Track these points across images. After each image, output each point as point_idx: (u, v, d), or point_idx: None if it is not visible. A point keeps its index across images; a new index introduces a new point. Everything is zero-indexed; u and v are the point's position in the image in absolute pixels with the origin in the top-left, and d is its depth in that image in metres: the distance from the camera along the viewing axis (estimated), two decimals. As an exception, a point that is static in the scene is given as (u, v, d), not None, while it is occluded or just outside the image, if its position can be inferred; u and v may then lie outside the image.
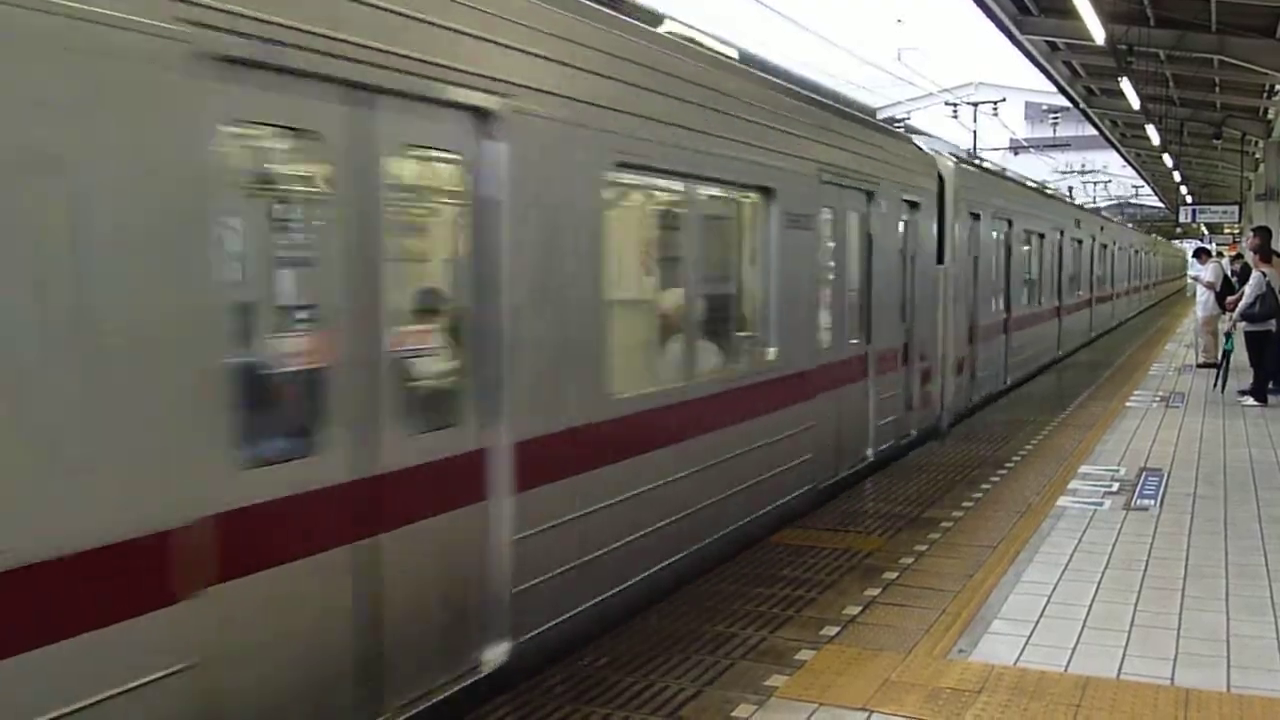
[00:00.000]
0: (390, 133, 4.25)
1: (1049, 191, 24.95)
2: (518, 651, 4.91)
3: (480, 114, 4.70)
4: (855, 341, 9.42)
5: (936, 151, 12.77)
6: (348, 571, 4.08)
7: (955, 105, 46.71)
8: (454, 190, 4.78)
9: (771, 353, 7.73)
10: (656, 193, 6.90)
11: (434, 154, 4.72)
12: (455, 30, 4.54)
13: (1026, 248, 17.96)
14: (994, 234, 14.97)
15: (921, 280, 11.13)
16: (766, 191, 7.57)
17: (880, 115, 16.62)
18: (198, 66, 3.40)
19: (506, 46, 4.86)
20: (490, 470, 4.82)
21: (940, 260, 11.91)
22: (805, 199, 8.17)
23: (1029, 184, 21.25)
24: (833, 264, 9.08)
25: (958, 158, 13.62)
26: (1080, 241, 23.44)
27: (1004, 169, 24.74)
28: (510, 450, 4.89)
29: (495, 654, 4.83)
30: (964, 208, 12.86)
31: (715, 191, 7.19)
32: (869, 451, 9.77)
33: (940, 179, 12.12)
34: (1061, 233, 21.07)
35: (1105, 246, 27.60)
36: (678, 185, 6.69)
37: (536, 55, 5.06)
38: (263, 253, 4.41)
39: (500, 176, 4.79)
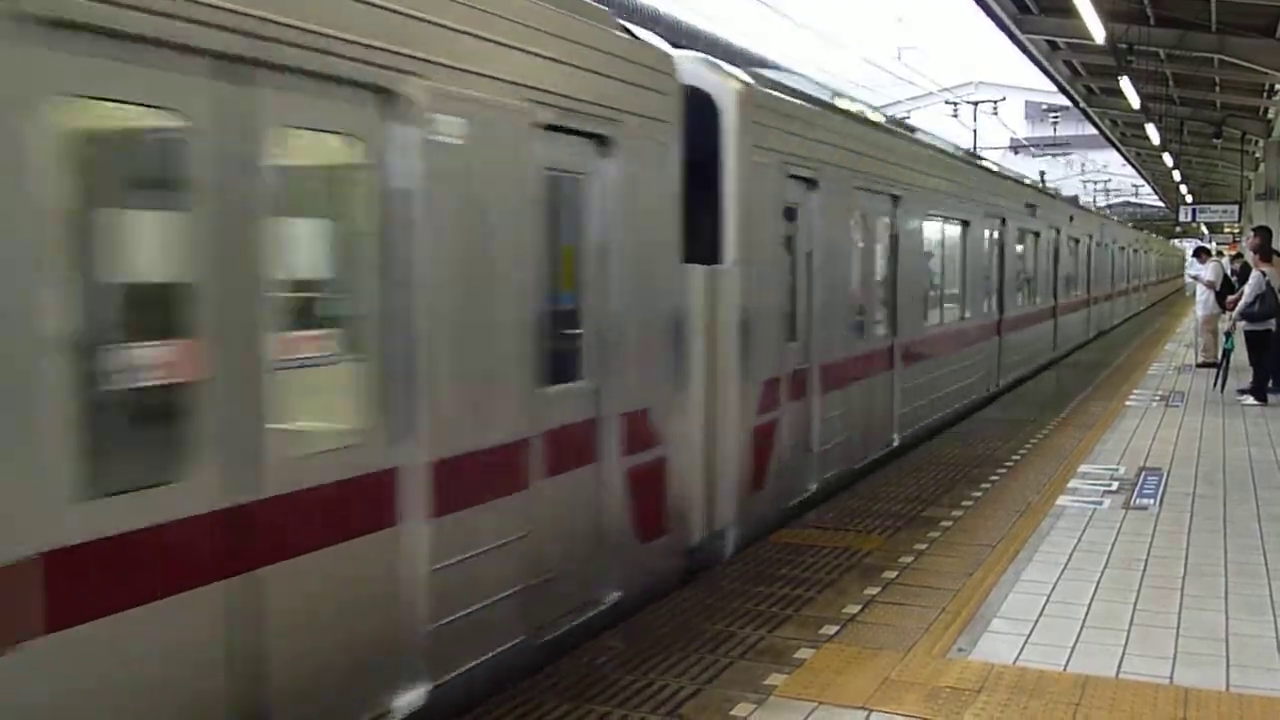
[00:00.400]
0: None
1: (986, 165, 17.73)
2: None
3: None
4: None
5: (700, 58, 7.32)
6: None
7: (955, 104, 46.74)
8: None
9: None
10: None
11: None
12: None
13: (934, 241, 12.47)
14: (858, 217, 9.59)
15: (629, 293, 5.91)
16: None
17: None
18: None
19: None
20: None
21: (705, 256, 6.86)
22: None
23: (939, 146, 14.09)
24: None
25: (757, 77, 8.20)
26: (1039, 235, 18.44)
27: (904, 120, 18.98)
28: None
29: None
30: (774, 168, 7.67)
31: None
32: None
33: (695, 103, 6.71)
34: (1004, 221, 15.60)
35: (1078, 242, 23.02)
36: None
37: None
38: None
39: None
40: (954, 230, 13.26)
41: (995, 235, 15.21)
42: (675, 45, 7.06)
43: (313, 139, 4.07)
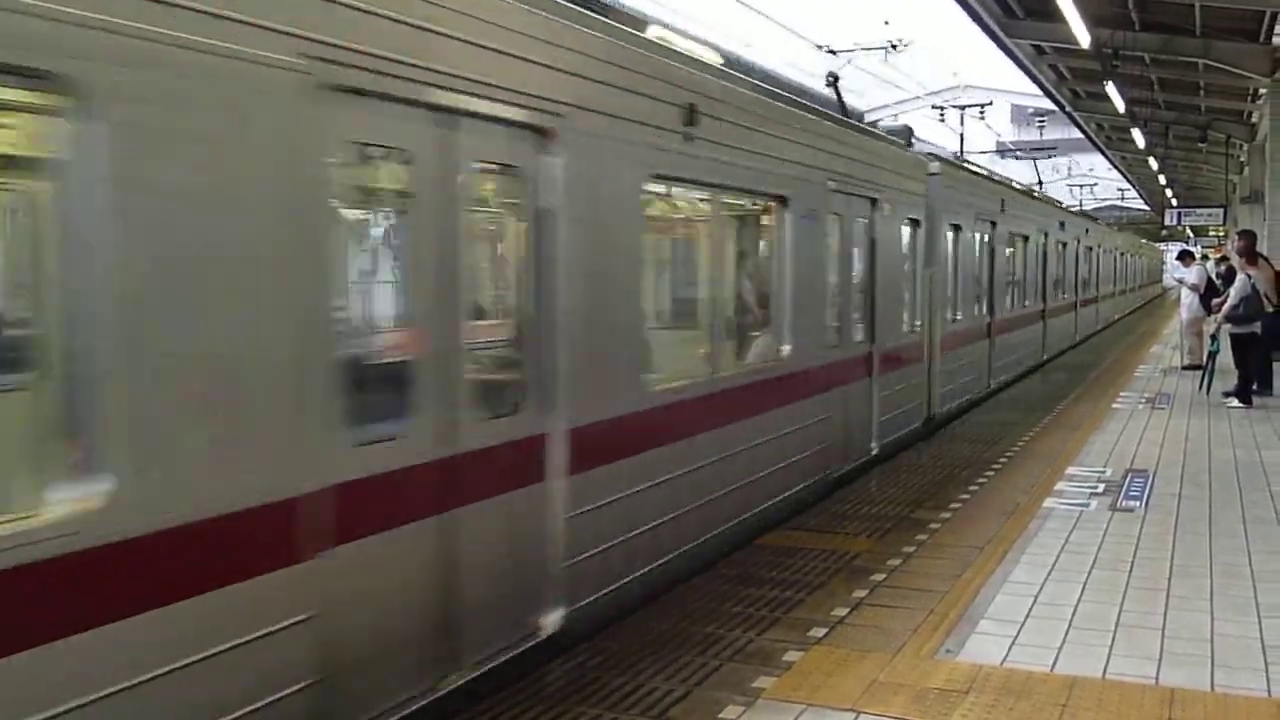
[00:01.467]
0: None
1: (869, 129, 12.64)
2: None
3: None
4: None
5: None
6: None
7: (942, 108, 46.84)
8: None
9: None
10: None
11: None
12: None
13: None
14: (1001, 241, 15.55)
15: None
16: None
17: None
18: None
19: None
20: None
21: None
22: None
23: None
24: None
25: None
26: (959, 229, 13.78)
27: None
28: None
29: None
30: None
31: None
32: None
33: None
34: (916, 225, 12.00)
35: (1026, 240, 18.51)
36: None
37: None
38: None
39: None
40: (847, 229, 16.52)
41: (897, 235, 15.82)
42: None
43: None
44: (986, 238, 15.46)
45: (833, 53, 23.60)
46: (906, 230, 11.47)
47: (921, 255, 12.13)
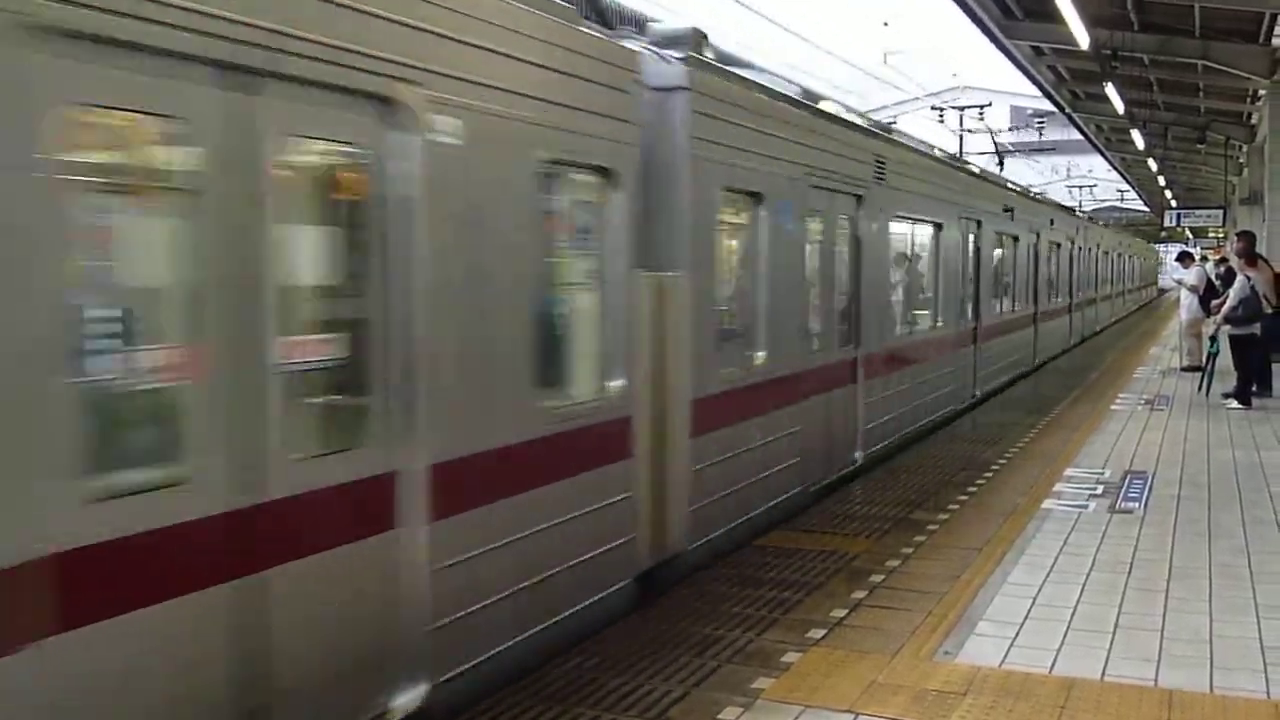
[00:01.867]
0: None
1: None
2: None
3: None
4: None
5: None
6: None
7: (941, 109, 46.86)
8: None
9: None
10: None
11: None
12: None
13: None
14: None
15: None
16: None
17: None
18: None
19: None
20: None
21: None
22: None
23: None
24: None
25: None
26: (863, 227, 9.86)
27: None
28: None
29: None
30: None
31: None
32: None
33: None
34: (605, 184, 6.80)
35: (939, 231, 12.77)
36: None
37: None
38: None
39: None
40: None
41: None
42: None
43: None
44: (828, 227, 9.16)
45: None
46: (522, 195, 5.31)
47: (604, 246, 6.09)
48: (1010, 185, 20.09)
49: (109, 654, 3.20)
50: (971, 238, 14.24)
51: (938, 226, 12.61)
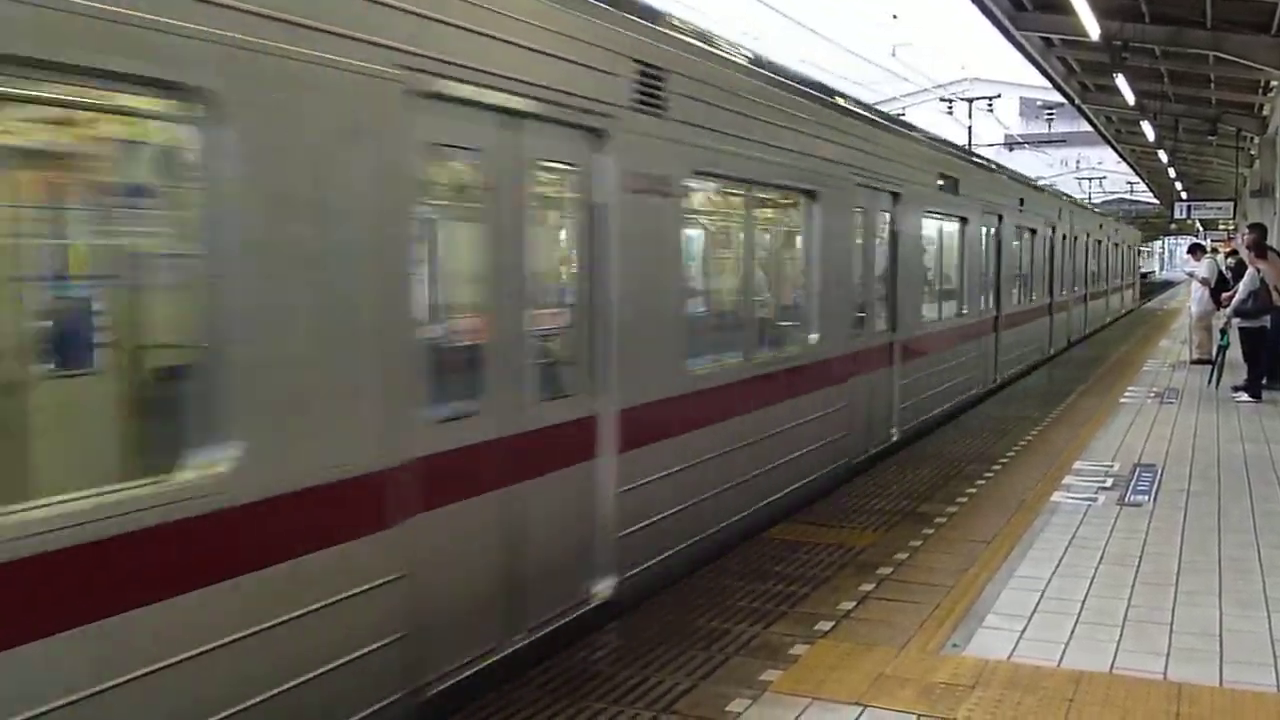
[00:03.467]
0: None
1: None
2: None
3: None
4: None
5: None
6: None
7: (950, 101, 46.74)
8: None
9: None
10: None
11: None
12: None
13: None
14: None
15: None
16: None
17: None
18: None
19: None
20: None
21: None
22: None
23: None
24: None
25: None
26: (717, 214, 8.16)
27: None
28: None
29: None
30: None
31: None
32: None
33: None
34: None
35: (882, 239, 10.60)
36: None
37: None
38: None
39: None
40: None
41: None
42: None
43: None
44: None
45: None
46: None
47: None
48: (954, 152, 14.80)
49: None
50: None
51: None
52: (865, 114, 10.47)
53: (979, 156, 18.77)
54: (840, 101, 9.69)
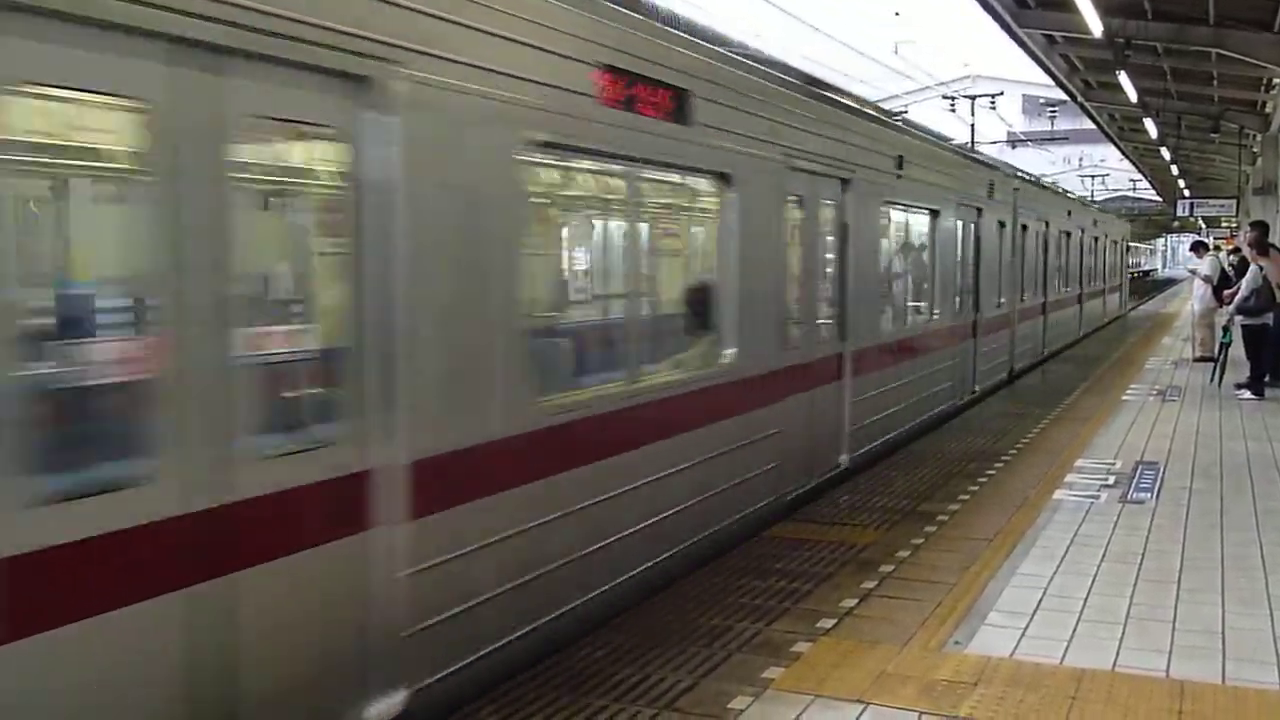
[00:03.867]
0: None
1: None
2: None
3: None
4: None
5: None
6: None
7: (953, 99, 46.70)
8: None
9: None
10: None
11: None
12: None
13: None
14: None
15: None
16: None
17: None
18: None
19: None
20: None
21: None
22: None
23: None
24: None
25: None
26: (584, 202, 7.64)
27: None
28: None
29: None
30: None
31: None
32: None
33: None
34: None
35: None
36: None
37: None
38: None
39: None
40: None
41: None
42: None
43: None
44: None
45: None
46: None
47: None
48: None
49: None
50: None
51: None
52: (803, 85, 8.77)
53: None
54: (768, 70, 8.04)
